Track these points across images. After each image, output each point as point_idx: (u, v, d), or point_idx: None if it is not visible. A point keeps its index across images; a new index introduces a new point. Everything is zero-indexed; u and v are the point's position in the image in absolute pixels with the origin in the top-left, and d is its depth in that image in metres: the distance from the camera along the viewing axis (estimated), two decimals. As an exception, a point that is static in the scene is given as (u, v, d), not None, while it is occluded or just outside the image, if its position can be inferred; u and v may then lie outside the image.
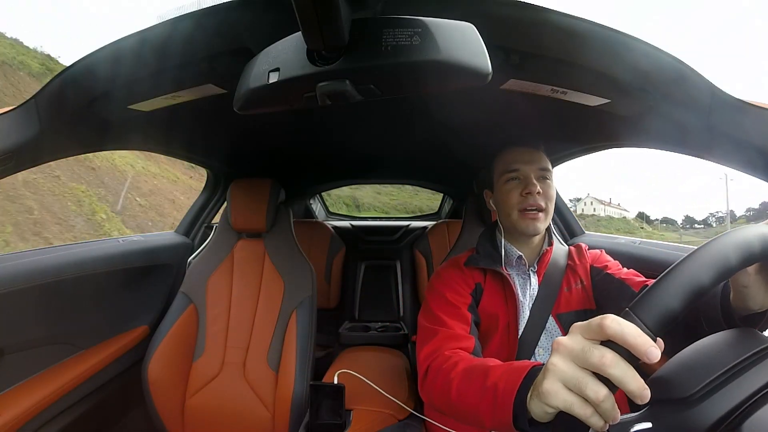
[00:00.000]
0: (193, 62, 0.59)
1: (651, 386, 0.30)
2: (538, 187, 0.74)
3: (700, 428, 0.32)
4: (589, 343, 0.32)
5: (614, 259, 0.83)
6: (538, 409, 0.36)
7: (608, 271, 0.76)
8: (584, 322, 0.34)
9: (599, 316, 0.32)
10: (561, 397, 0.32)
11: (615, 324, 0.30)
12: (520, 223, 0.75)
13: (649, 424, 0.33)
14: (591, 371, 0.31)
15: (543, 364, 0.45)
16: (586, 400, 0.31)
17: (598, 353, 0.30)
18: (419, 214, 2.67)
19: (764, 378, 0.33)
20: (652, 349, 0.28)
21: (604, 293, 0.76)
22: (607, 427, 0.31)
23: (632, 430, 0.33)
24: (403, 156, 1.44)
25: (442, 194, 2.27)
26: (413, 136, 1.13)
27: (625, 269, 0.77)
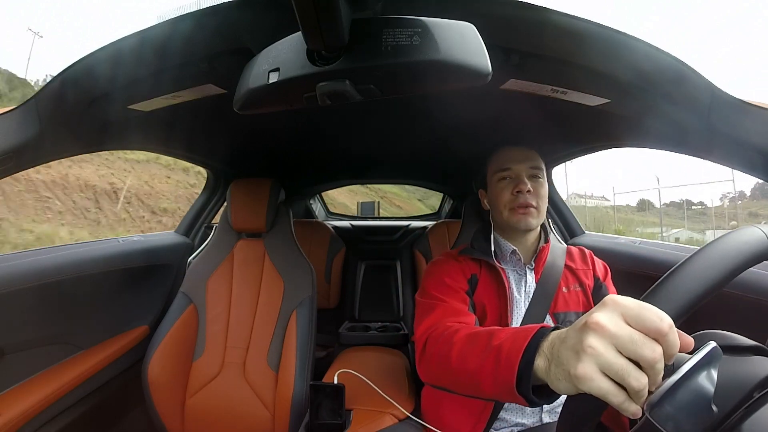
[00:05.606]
0: (193, 62, 0.59)
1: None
2: (529, 186, 0.75)
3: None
4: (635, 332, 0.30)
5: (615, 260, 0.83)
6: (565, 388, 0.35)
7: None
8: (631, 303, 0.31)
9: (658, 312, 0.30)
10: (597, 384, 0.30)
11: (675, 337, 0.29)
12: (512, 219, 0.76)
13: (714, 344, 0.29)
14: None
15: (551, 327, 0.43)
16: (621, 386, 0.30)
17: (650, 347, 0.29)
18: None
19: None
20: None
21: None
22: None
23: (705, 350, 0.29)
24: (403, 156, 1.44)
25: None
26: (413, 136, 1.13)
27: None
